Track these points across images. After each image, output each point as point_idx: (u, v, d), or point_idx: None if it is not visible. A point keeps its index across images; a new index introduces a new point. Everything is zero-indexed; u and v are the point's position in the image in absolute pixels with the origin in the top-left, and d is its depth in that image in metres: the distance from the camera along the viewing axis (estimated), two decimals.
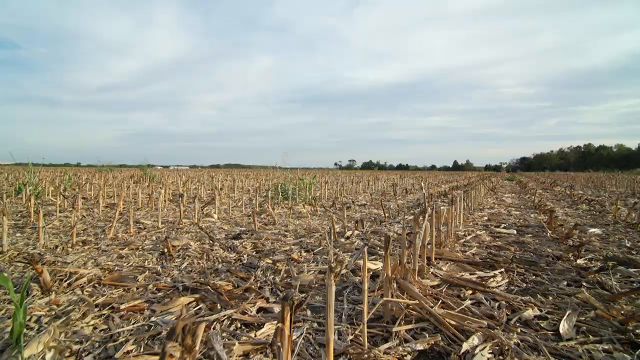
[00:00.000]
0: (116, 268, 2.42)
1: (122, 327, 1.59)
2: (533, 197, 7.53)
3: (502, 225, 4.19)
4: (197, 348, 0.60)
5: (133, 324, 1.62)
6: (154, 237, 3.35)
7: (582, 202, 6.76)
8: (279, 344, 0.80)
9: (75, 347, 1.41)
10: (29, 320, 1.64)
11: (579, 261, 2.62)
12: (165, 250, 2.74)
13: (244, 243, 3.14)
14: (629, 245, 3.20)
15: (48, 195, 6.75)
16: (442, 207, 3.04)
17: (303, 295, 1.84)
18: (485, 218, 4.81)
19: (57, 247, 2.96)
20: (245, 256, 2.73)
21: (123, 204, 5.60)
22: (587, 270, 2.38)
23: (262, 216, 4.61)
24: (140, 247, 2.97)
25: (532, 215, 5.10)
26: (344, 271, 2.17)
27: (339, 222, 4.33)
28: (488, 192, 8.47)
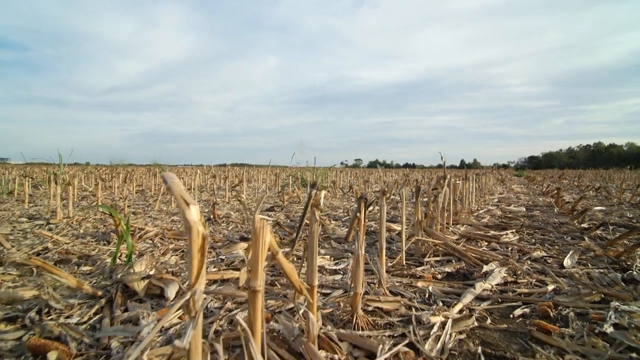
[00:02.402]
0: (173, 228, 2.77)
1: None
2: (541, 186, 7.77)
3: (512, 205, 4.48)
4: (320, 205, 0.92)
5: (207, 259, 1.96)
6: None
7: (589, 190, 6.99)
8: (357, 229, 1.12)
9: (169, 270, 1.75)
10: (120, 256, 1.99)
11: (582, 225, 2.90)
12: (212, 216, 3.09)
13: (277, 214, 3.48)
14: (630, 215, 3.47)
15: (80, 182, 7.16)
16: (457, 182, 3.34)
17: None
18: (496, 200, 5.09)
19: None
20: (281, 222, 3.06)
21: (153, 190, 5.98)
22: (589, 229, 2.67)
23: (286, 197, 4.95)
24: None
25: (540, 199, 5.37)
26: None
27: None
28: (498, 182, 8.72)
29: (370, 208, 3.83)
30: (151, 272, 1.69)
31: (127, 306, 1.30)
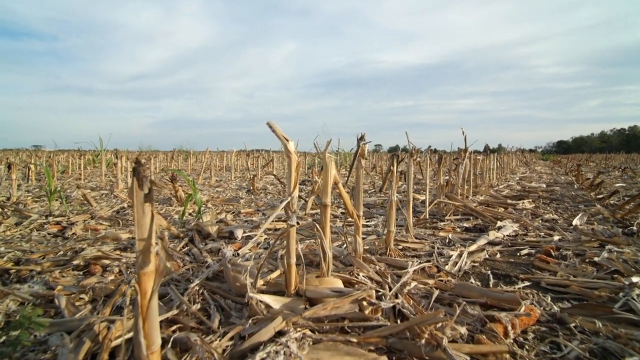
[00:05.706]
0: (219, 196, 3.13)
1: (248, 218, 2.27)
2: (565, 168, 7.75)
3: (533, 182, 4.62)
4: (365, 155, 1.21)
5: (255, 217, 2.30)
6: (233, 184, 4.07)
7: (615, 170, 6.95)
8: (391, 180, 1.40)
9: (229, 224, 2.10)
10: (184, 214, 2.35)
11: (598, 196, 3.07)
12: (251, 187, 3.44)
13: (308, 188, 3.80)
14: None
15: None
16: (478, 157, 3.54)
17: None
18: (517, 178, 5.22)
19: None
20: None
21: (189, 170, 6.44)
22: (602, 199, 2.85)
23: (314, 175, 5.27)
24: (227, 188, 3.70)
25: (562, 178, 5.46)
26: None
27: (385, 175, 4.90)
28: (521, 163, 8.73)
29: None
30: (214, 221, 2.04)
31: (206, 242, 1.65)
